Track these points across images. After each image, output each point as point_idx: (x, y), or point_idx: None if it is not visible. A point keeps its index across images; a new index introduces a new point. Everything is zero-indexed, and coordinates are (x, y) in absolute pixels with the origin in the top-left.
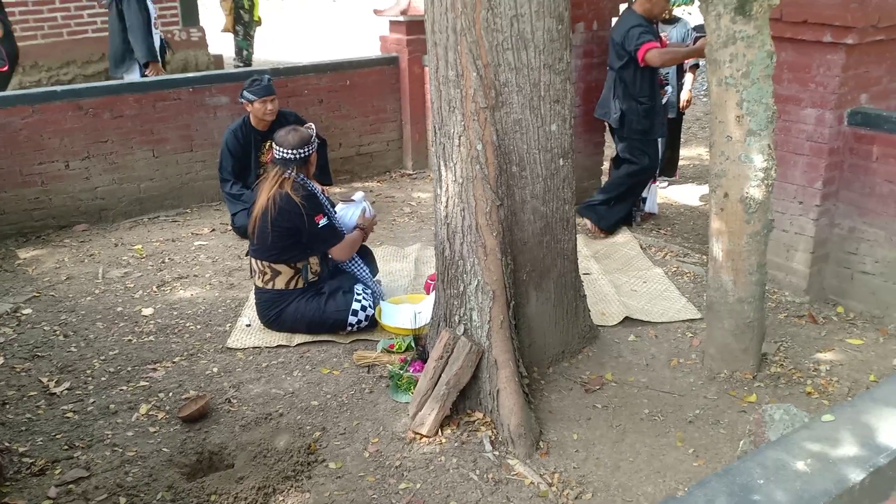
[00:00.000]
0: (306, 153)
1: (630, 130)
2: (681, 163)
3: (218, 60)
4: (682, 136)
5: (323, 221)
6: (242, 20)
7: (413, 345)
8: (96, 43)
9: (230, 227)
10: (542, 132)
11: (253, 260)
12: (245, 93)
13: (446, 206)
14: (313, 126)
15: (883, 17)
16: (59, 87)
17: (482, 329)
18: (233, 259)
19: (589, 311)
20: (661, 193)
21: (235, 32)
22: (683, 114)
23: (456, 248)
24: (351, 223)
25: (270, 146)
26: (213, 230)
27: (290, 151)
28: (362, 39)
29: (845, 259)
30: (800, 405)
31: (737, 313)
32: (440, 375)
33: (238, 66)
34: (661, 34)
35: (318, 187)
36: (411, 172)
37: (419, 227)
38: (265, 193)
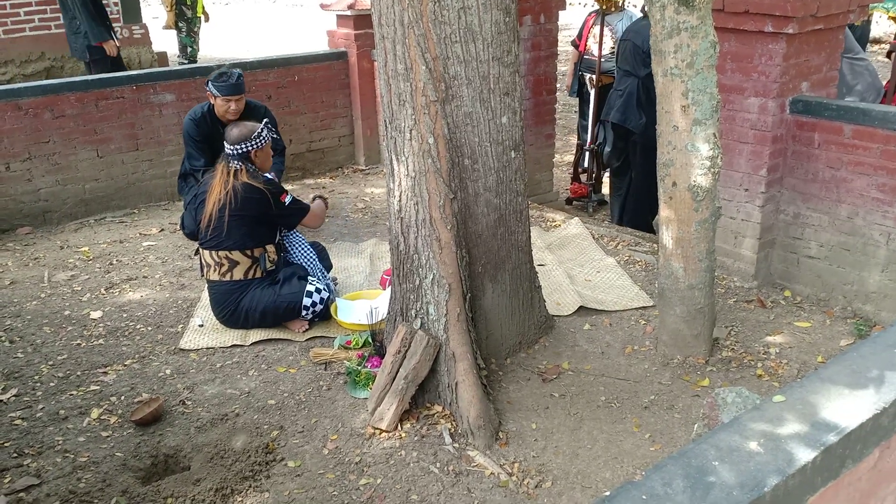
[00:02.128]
0: (248, 147)
1: (650, 139)
2: None
3: (162, 58)
4: None
5: (288, 199)
6: (185, 16)
7: (370, 340)
8: (35, 41)
9: (179, 228)
10: (493, 125)
11: (207, 253)
12: (210, 85)
13: (399, 201)
14: (265, 121)
15: (821, 6)
16: None
17: (439, 322)
18: (183, 259)
19: (544, 301)
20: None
21: (178, 29)
22: None
23: (410, 242)
24: None
25: None
26: (162, 230)
27: (233, 147)
28: (310, 35)
29: (791, 244)
30: (751, 388)
31: (688, 300)
32: (398, 370)
33: (183, 63)
34: (607, 26)
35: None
36: (364, 168)
37: (373, 223)
38: (218, 187)
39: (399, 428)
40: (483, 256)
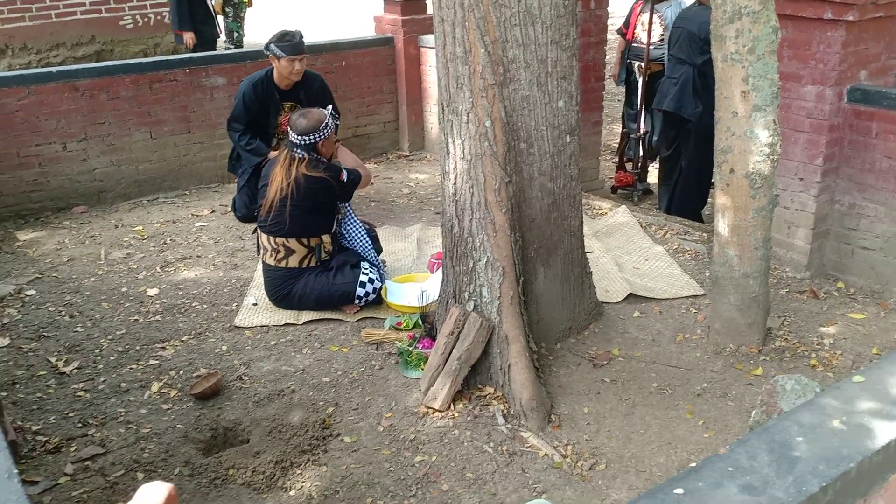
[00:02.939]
0: (316, 139)
1: (705, 127)
2: None
3: None
4: None
5: (346, 176)
6: (232, 1)
7: (420, 322)
8: (86, 25)
9: (230, 210)
10: (550, 109)
11: (265, 237)
12: (273, 46)
13: (454, 184)
14: (330, 109)
15: None
16: (53, 69)
17: (492, 305)
18: (234, 240)
19: (594, 287)
20: (655, 174)
21: (225, 14)
22: None
23: (465, 225)
24: None
25: (292, 107)
26: (213, 211)
27: (300, 137)
28: (356, 21)
29: (845, 235)
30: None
31: (742, 288)
32: (451, 351)
33: (229, 48)
34: (655, 13)
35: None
36: (408, 154)
37: (419, 208)
38: (280, 176)
39: (452, 408)
40: (536, 241)
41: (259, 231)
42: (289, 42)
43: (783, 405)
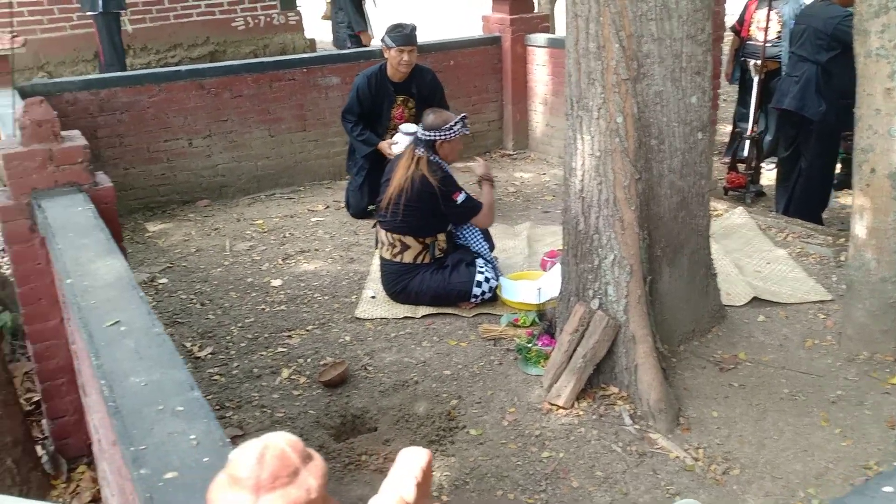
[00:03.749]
0: (436, 136)
1: (828, 127)
2: None
3: (313, 44)
4: None
5: (460, 198)
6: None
7: (537, 319)
8: (202, 26)
9: (343, 205)
10: (683, 104)
11: (383, 232)
12: (385, 37)
13: (582, 180)
14: (463, 115)
15: None
16: (183, 67)
17: (618, 304)
18: (349, 235)
19: (719, 290)
20: (768, 175)
21: (337, 20)
22: None
23: (591, 222)
24: None
25: (404, 100)
26: (328, 207)
27: (423, 132)
28: (459, 20)
29: None
30: None
31: (879, 293)
32: (575, 349)
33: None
34: (773, 10)
35: (448, 167)
36: (511, 153)
37: (525, 207)
38: (402, 171)
39: (576, 406)
40: (663, 239)
41: (378, 225)
42: (399, 32)
43: None
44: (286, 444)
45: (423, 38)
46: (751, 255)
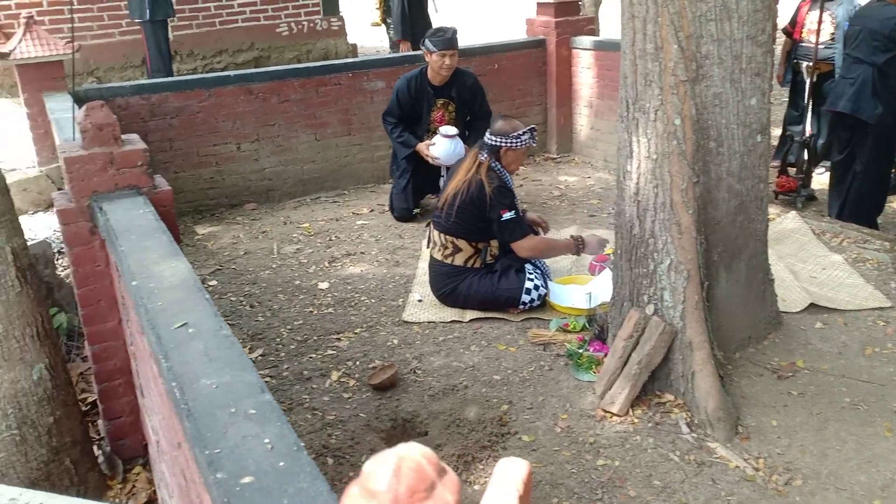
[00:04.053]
0: (501, 143)
1: (885, 129)
2: None
3: (354, 49)
4: None
5: (508, 215)
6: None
7: (587, 325)
8: (246, 32)
9: (387, 209)
10: (742, 106)
11: (436, 232)
12: (427, 41)
13: (637, 183)
14: (532, 127)
15: None
16: (231, 73)
17: (675, 309)
18: (394, 238)
19: (776, 295)
20: (819, 179)
21: (387, 25)
22: None
23: (646, 226)
24: (455, 152)
25: (444, 103)
26: (372, 210)
27: (489, 136)
28: (502, 24)
29: None
30: None
31: None
32: (630, 355)
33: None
34: (826, 11)
35: (511, 180)
36: (555, 156)
37: (571, 210)
38: (462, 173)
39: (630, 413)
40: (720, 244)
41: (431, 224)
42: (441, 37)
43: None
44: (422, 457)
45: (467, 41)
46: (805, 260)
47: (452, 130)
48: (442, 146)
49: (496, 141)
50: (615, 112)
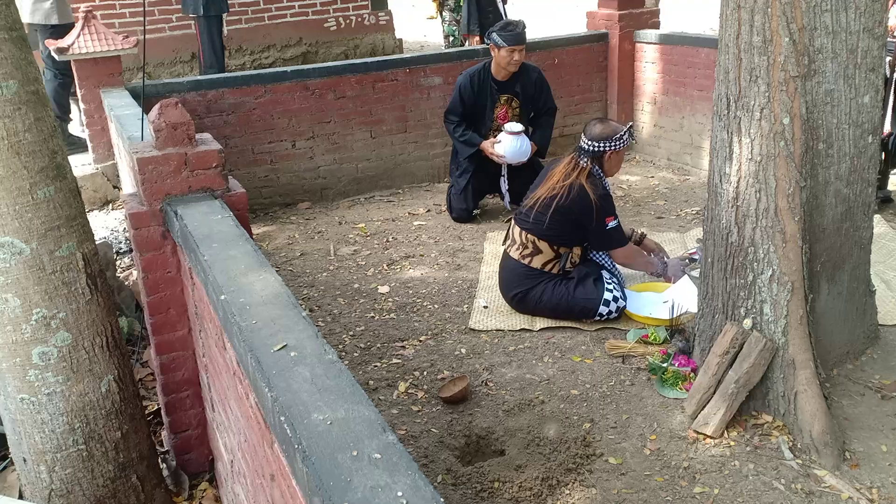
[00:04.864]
0: (605, 147)
1: None
2: None
3: (401, 44)
4: None
5: (612, 223)
6: (448, 5)
7: (669, 337)
8: (294, 27)
9: (444, 209)
10: (854, 104)
11: (518, 229)
12: (495, 35)
13: (737, 187)
14: (630, 125)
15: None
16: (289, 68)
17: (776, 324)
18: (454, 240)
19: (876, 308)
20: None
21: (442, 19)
22: None
23: (746, 234)
24: (521, 150)
25: (508, 100)
26: (429, 210)
27: (590, 142)
28: (559, 17)
29: None
30: None
31: None
32: (725, 372)
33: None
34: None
35: (609, 184)
36: None
37: (636, 212)
38: (559, 176)
39: (725, 435)
40: (823, 253)
41: (514, 222)
42: (511, 31)
43: None
44: None
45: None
46: (895, 267)
47: (518, 127)
48: (508, 143)
49: (600, 146)
50: (680, 109)
